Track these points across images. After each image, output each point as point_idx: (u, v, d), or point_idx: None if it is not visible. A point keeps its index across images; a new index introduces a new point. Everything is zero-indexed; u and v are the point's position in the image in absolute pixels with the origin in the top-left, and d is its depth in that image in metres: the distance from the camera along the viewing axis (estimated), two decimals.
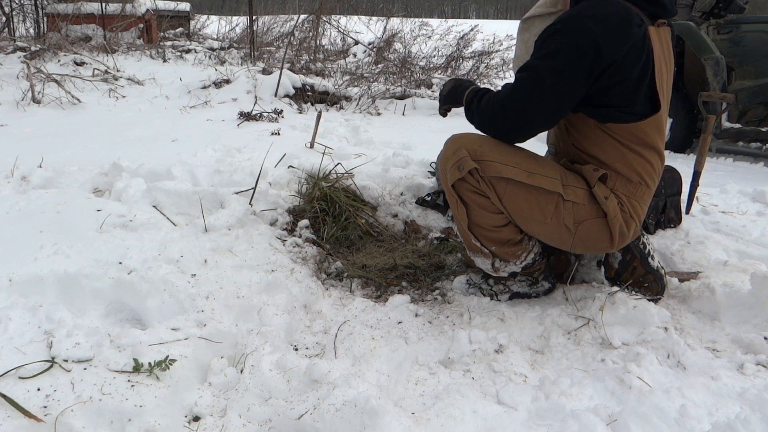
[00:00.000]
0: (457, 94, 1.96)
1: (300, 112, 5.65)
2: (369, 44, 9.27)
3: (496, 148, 1.76)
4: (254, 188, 2.56)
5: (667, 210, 2.54)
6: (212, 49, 9.51)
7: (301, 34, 8.84)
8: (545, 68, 1.64)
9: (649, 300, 1.87)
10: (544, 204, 1.74)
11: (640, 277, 1.97)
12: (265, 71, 6.87)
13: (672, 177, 2.60)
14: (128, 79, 6.43)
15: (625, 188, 1.77)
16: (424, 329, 1.81)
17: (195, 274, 1.91)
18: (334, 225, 2.50)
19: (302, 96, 6.00)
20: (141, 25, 10.31)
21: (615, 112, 1.71)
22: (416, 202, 2.83)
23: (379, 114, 5.98)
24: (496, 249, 1.86)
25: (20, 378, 1.38)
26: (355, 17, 10.17)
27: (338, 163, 2.96)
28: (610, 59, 1.61)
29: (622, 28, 1.61)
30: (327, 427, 1.30)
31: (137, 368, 1.43)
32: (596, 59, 1.60)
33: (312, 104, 6.01)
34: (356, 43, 9.37)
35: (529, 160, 1.76)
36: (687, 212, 2.76)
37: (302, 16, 8.96)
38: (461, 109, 1.92)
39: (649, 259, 1.97)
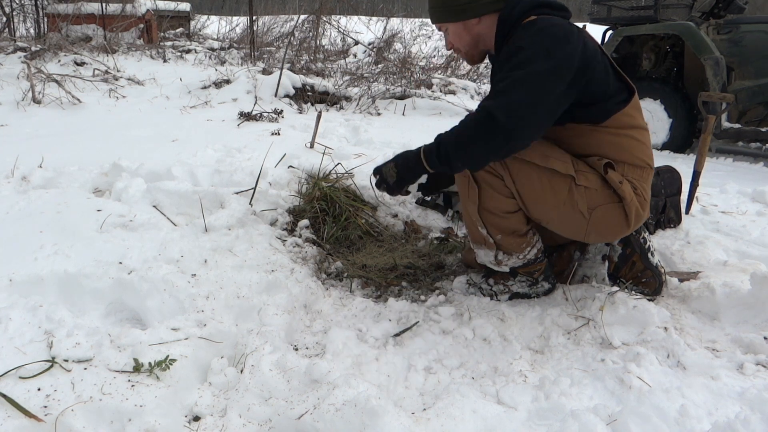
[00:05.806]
0: (409, 162, 1.78)
1: (300, 112, 5.65)
2: (369, 44, 9.28)
3: None
4: (254, 188, 2.56)
5: (667, 210, 2.54)
6: (212, 50, 9.52)
7: (301, 35, 8.84)
8: (536, 70, 1.58)
9: (648, 299, 1.87)
10: (557, 188, 1.74)
11: (639, 272, 1.97)
12: (265, 71, 6.87)
13: (672, 177, 2.60)
14: (128, 79, 6.43)
15: (634, 173, 1.80)
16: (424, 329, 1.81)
17: (195, 274, 1.91)
18: (334, 225, 2.50)
19: (302, 96, 5.99)
20: (141, 26, 10.32)
21: (604, 106, 1.72)
22: (416, 202, 2.83)
23: (379, 114, 5.97)
24: (502, 239, 1.86)
25: (20, 378, 1.38)
26: (355, 17, 10.19)
27: (338, 163, 2.96)
28: (580, 63, 1.62)
29: (569, 37, 1.63)
30: (327, 427, 1.30)
31: (137, 368, 1.43)
32: (572, 73, 1.61)
33: (312, 104, 6.00)
34: (356, 43, 9.38)
35: (543, 144, 1.76)
36: (687, 212, 2.76)
37: (302, 17, 8.97)
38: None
39: (649, 254, 1.98)
